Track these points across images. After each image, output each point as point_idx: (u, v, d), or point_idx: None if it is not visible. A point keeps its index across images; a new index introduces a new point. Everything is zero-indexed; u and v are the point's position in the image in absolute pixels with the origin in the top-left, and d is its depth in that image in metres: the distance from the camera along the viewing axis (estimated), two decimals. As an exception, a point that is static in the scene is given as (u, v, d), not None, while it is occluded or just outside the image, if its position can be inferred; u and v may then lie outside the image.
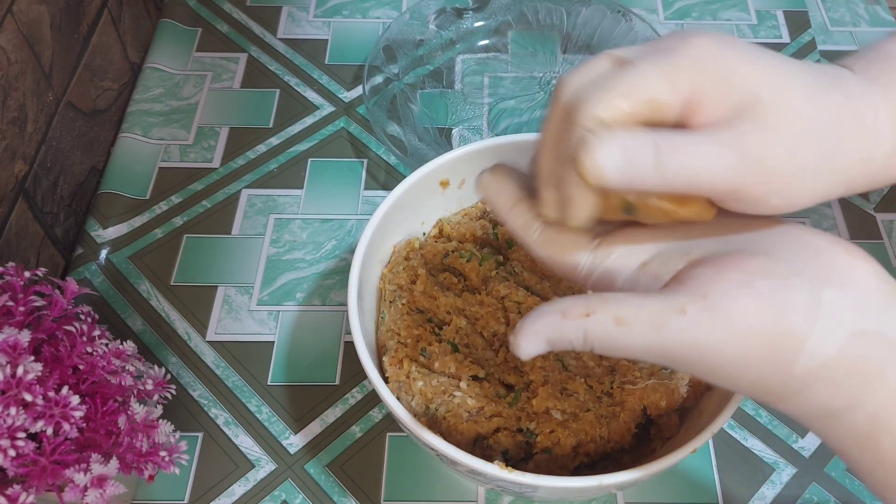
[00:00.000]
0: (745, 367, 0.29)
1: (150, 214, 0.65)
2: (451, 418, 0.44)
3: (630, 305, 0.30)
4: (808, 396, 0.29)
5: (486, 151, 0.52)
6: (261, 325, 0.59)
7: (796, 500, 0.51)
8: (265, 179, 0.67)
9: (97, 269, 0.62)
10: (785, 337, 0.28)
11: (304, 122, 0.71)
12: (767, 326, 0.28)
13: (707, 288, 0.29)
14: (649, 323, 0.29)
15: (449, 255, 0.51)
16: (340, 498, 0.51)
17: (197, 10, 0.79)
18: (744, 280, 0.29)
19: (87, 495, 0.39)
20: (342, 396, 0.55)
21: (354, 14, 0.79)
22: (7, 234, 0.56)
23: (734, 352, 0.29)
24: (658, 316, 0.29)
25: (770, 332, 0.28)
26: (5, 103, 0.56)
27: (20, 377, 0.38)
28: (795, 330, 0.28)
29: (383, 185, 0.66)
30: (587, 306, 0.30)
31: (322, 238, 0.63)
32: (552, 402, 0.44)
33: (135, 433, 0.42)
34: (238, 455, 0.53)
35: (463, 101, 0.71)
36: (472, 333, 0.48)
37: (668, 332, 0.29)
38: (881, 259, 0.63)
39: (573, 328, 0.30)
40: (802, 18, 0.79)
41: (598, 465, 0.45)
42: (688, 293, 0.29)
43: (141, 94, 0.72)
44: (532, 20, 0.76)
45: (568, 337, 0.30)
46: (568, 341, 0.30)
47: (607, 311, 0.30)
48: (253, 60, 0.75)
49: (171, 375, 0.56)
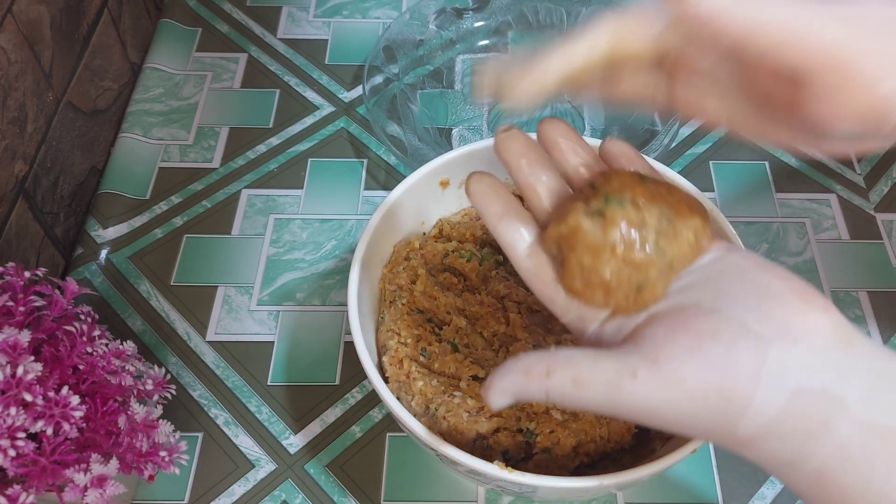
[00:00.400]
0: (696, 424, 0.31)
1: (150, 214, 0.65)
2: (451, 418, 0.44)
3: (587, 368, 0.31)
4: (758, 449, 0.30)
5: (486, 151, 0.52)
6: (261, 325, 0.59)
7: (796, 500, 0.51)
8: (265, 179, 0.67)
9: (97, 269, 0.62)
10: (731, 398, 0.29)
11: (304, 122, 0.71)
12: (714, 389, 0.30)
13: (658, 351, 0.31)
14: (604, 384, 0.31)
15: (449, 255, 0.51)
16: (340, 498, 0.51)
17: (197, 10, 0.79)
18: (692, 344, 0.30)
19: (87, 495, 0.39)
20: (342, 396, 0.55)
21: (354, 14, 0.79)
22: (7, 234, 0.56)
23: (684, 411, 0.30)
24: (612, 378, 0.31)
25: (716, 394, 0.30)
26: (5, 103, 0.56)
27: (20, 377, 0.38)
28: (740, 391, 0.29)
29: (383, 185, 0.66)
30: (548, 366, 0.32)
31: (322, 238, 0.63)
32: (552, 402, 0.44)
33: (135, 433, 0.42)
34: (238, 455, 0.53)
35: (463, 101, 0.71)
36: (472, 333, 0.48)
37: (622, 393, 0.31)
38: (881, 259, 0.63)
39: (536, 387, 0.32)
40: (802, 18, 0.79)
41: (598, 465, 0.45)
42: (640, 354, 0.31)
43: (141, 94, 0.72)
44: (532, 20, 0.76)
45: (532, 393, 0.32)
46: (532, 397, 0.32)
47: (566, 372, 0.31)
48: (253, 60, 0.75)
49: (171, 375, 0.56)
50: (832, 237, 0.63)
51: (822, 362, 0.29)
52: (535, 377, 0.32)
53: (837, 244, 0.63)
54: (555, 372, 0.31)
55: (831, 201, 0.65)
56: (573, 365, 0.32)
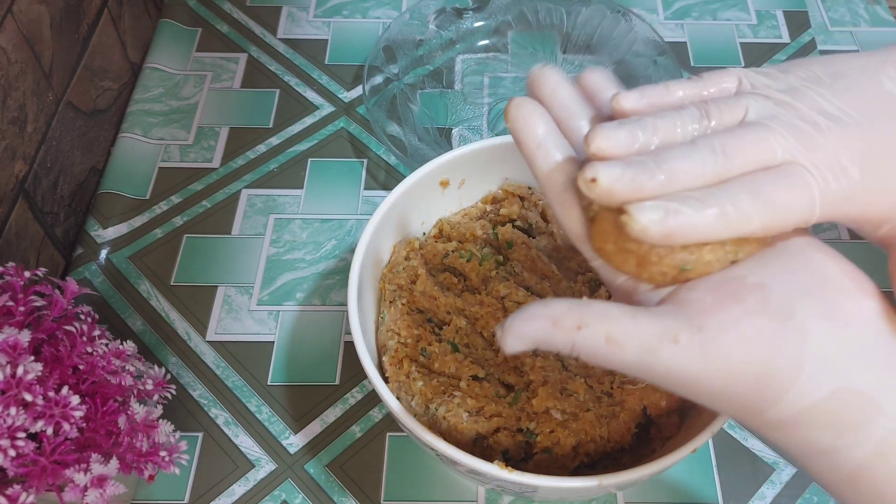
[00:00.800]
0: (730, 399, 0.29)
1: (150, 214, 0.65)
2: (451, 418, 0.44)
3: (623, 325, 0.29)
4: (789, 435, 0.30)
5: (486, 151, 0.52)
6: (261, 325, 0.59)
7: (796, 500, 0.51)
8: (265, 179, 0.67)
9: (97, 269, 0.62)
10: (770, 380, 0.28)
11: (304, 122, 0.71)
12: (757, 367, 0.28)
13: (702, 319, 0.29)
14: (640, 346, 0.29)
15: (449, 255, 0.51)
16: (340, 498, 0.51)
17: (197, 10, 0.79)
18: (739, 317, 0.29)
19: (87, 495, 0.39)
20: (342, 396, 0.55)
21: (354, 14, 0.79)
22: (7, 234, 0.56)
23: (721, 384, 0.29)
24: (650, 341, 0.29)
25: (758, 373, 0.28)
26: (5, 103, 0.56)
27: (20, 377, 0.38)
28: (782, 375, 0.28)
29: (383, 185, 0.66)
30: (580, 318, 0.29)
31: (322, 238, 0.63)
32: (552, 401, 0.44)
33: (135, 433, 0.42)
34: (238, 455, 0.53)
35: (463, 101, 0.71)
36: (472, 333, 0.48)
37: (658, 358, 0.29)
38: (881, 259, 0.63)
39: (562, 338, 0.29)
40: (802, 18, 0.79)
41: (598, 465, 0.45)
42: (684, 319, 0.29)
43: (141, 94, 0.72)
44: (532, 20, 0.76)
45: (556, 345, 0.30)
46: (555, 348, 0.30)
47: (600, 327, 0.29)
48: (253, 60, 0.75)
49: (171, 375, 0.56)
50: (832, 237, 0.63)
51: (868, 354, 0.29)
52: (563, 328, 0.29)
53: (837, 244, 0.63)
54: (587, 325, 0.29)
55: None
56: (609, 321, 0.29)
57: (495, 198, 0.55)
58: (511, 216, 0.54)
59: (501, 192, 0.55)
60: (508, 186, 0.55)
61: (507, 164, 0.53)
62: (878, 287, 0.31)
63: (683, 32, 0.78)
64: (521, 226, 0.54)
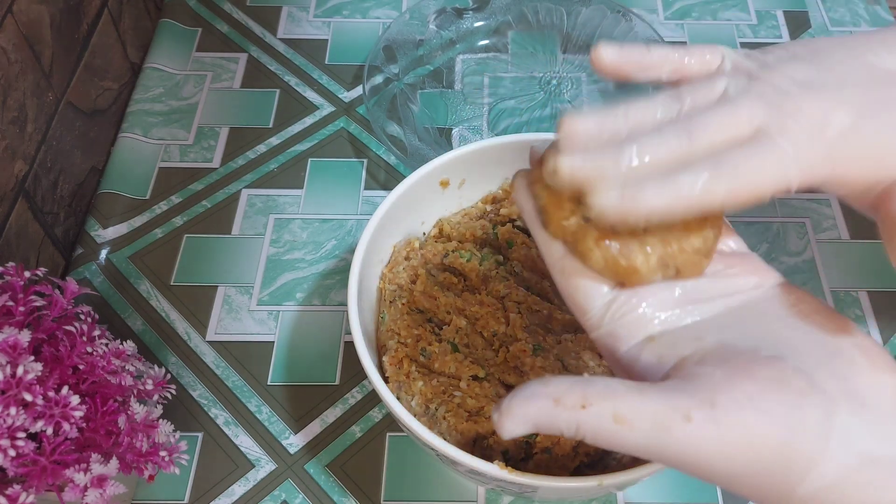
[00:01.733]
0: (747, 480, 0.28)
1: (150, 214, 0.65)
2: (451, 418, 0.44)
3: (631, 402, 0.27)
4: None
5: (486, 151, 0.52)
6: (261, 325, 0.59)
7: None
8: (265, 179, 0.67)
9: (97, 269, 0.62)
10: (794, 456, 0.27)
11: (304, 122, 0.71)
12: (777, 447, 0.27)
13: (715, 395, 0.27)
14: (651, 424, 0.27)
15: (449, 255, 0.51)
16: (340, 498, 0.51)
17: (197, 10, 0.79)
18: (756, 393, 0.27)
19: (87, 495, 0.39)
20: (342, 396, 0.55)
21: (354, 14, 0.79)
22: (7, 233, 0.56)
23: (738, 464, 0.27)
24: (661, 419, 0.27)
25: (778, 451, 0.27)
26: (5, 103, 0.56)
27: (20, 377, 0.38)
28: (807, 451, 0.27)
29: (383, 185, 0.66)
30: (584, 396, 0.28)
31: (322, 238, 0.63)
32: (552, 402, 0.44)
33: (135, 433, 0.42)
34: (238, 455, 0.53)
35: (463, 101, 0.71)
36: (472, 333, 0.48)
37: (670, 438, 0.27)
38: (881, 259, 0.63)
39: (566, 417, 0.28)
40: (802, 18, 0.79)
41: (598, 465, 0.45)
42: (694, 395, 0.28)
43: (141, 94, 0.72)
44: (532, 20, 0.76)
45: (559, 426, 0.28)
46: (558, 431, 0.28)
47: (606, 405, 0.27)
48: (253, 60, 0.75)
49: (171, 375, 0.56)
50: (832, 237, 0.63)
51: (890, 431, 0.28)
52: (566, 407, 0.27)
53: (837, 244, 0.63)
54: (592, 404, 0.27)
55: (831, 201, 0.65)
56: (615, 398, 0.27)
57: (495, 198, 0.55)
58: (511, 216, 0.54)
59: (501, 192, 0.55)
60: (508, 186, 0.55)
61: (507, 164, 0.53)
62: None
63: (683, 32, 0.78)
64: (521, 226, 0.54)
